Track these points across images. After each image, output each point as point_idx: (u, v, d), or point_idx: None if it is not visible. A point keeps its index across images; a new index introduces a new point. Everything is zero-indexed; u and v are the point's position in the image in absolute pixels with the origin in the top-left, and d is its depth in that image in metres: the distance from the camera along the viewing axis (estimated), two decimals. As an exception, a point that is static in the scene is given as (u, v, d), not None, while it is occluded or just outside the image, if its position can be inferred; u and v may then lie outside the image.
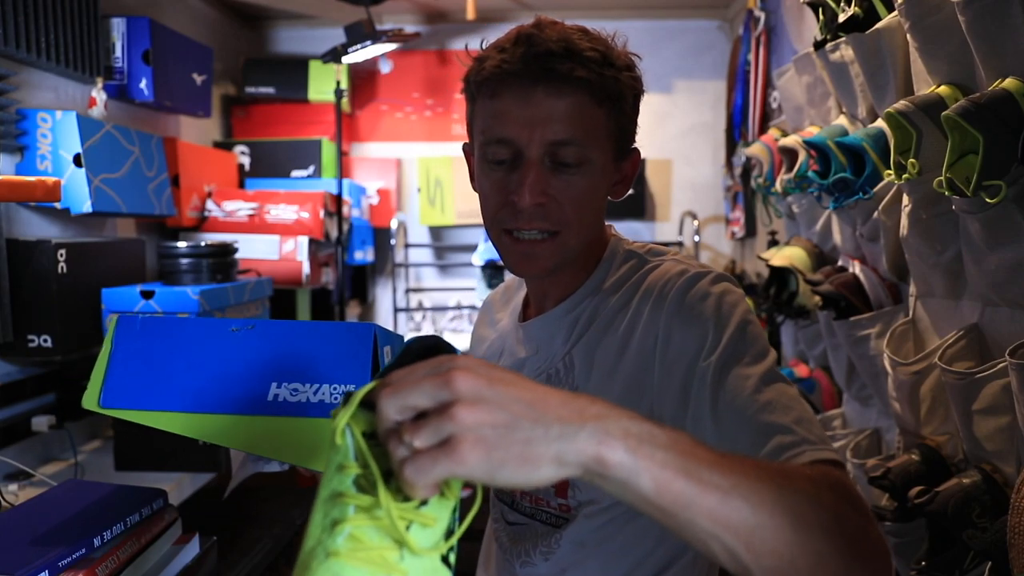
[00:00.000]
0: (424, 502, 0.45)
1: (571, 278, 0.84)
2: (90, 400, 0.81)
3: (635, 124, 0.82)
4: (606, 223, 0.90)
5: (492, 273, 2.73)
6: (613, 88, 0.75)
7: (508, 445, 0.43)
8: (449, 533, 0.48)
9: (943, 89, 1.06)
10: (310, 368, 0.80)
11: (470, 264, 2.99)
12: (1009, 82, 0.90)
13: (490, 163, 0.78)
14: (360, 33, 2.42)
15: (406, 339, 0.64)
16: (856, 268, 1.49)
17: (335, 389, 0.80)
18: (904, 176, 1.11)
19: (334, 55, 2.48)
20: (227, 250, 1.79)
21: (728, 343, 0.70)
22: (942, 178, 0.96)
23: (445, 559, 0.47)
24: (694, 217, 2.91)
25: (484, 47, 0.79)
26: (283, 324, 0.83)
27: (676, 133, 3.06)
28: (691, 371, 0.71)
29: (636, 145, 0.84)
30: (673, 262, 0.81)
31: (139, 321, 0.84)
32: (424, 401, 0.44)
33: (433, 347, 0.56)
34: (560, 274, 0.83)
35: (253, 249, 2.21)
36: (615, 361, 0.77)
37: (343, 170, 2.75)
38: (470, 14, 2.61)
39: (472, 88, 0.79)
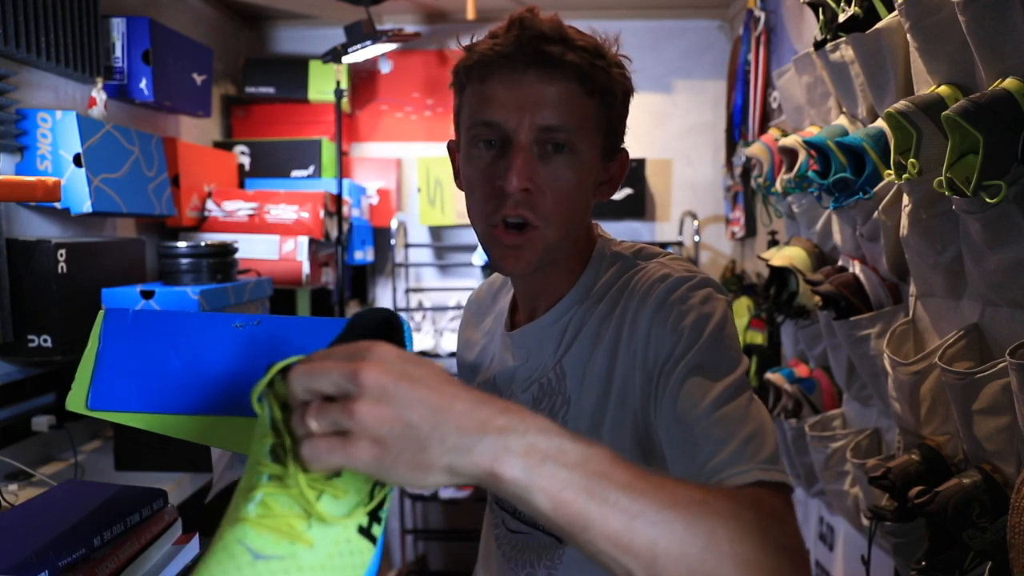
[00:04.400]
0: (337, 473, 0.46)
1: (558, 282, 0.83)
2: (76, 401, 0.75)
3: (624, 124, 0.81)
4: (594, 222, 0.88)
5: (492, 273, 2.73)
6: (603, 80, 0.75)
7: (401, 449, 0.43)
8: (368, 503, 0.47)
9: (943, 89, 1.06)
10: None
11: (470, 264, 2.99)
12: (1009, 82, 0.90)
13: (477, 148, 0.76)
14: (360, 33, 2.42)
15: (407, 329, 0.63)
16: (856, 268, 1.49)
17: None
18: (904, 176, 1.11)
19: (334, 55, 2.48)
20: (227, 250, 1.79)
21: (696, 352, 0.69)
22: (942, 178, 0.96)
23: (366, 531, 0.47)
24: (694, 217, 2.91)
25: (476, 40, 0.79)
26: (291, 320, 0.78)
27: (676, 133, 3.06)
28: (658, 377, 0.70)
29: (625, 147, 0.83)
30: (658, 265, 0.79)
31: (131, 315, 0.77)
32: (329, 388, 0.44)
33: (382, 322, 0.56)
34: (546, 276, 0.82)
35: (253, 249, 2.20)
36: (607, 370, 0.77)
37: (343, 170, 2.75)
38: (470, 14, 2.61)
39: (461, 75, 0.78)
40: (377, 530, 0.48)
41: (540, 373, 0.83)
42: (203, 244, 1.73)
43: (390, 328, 0.57)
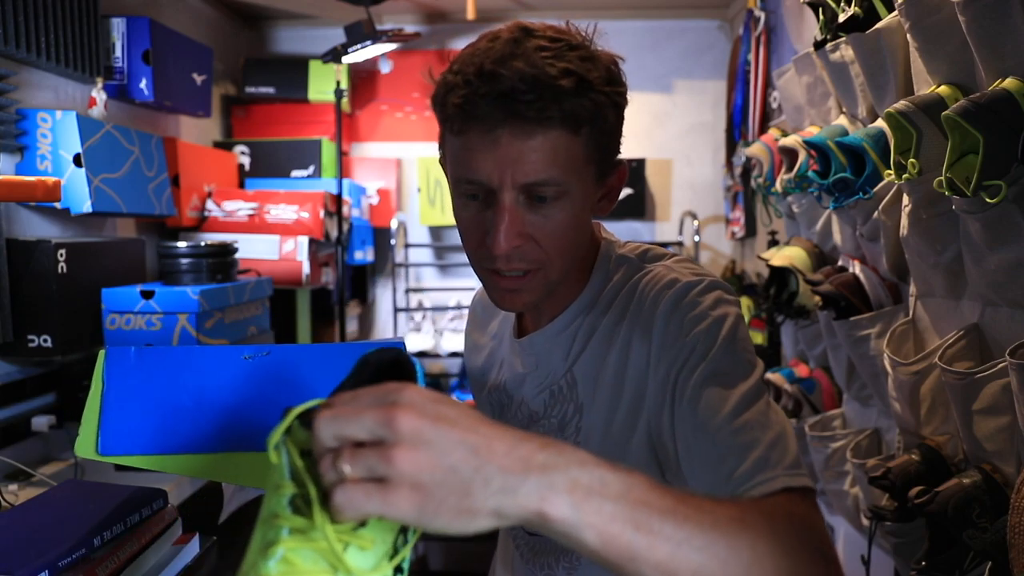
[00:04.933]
0: (363, 523, 0.43)
1: (565, 292, 0.81)
2: (85, 447, 0.73)
3: (619, 136, 0.76)
4: (595, 222, 0.86)
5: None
6: (590, 112, 0.69)
7: (445, 495, 0.42)
8: (394, 553, 0.45)
9: (943, 89, 1.06)
10: (329, 393, 0.75)
11: (470, 264, 2.99)
12: (1009, 82, 0.90)
13: (462, 199, 0.74)
14: (360, 33, 2.42)
15: (402, 343, 0.62)
16: (856, 268, 1.49)
17: None
18: (904, 176, 1.11)
19: (334, 55, 2.48)
20: (227, 250, 1.79)
21: (711, 360, 0.68)
22: (942, 178, 0.96)
23: None
24: (694, 217, 2.91)
25: (452, 60, 0.73)
26: (301, 348, 0.76)
27: (676, 133, 3.06)
28: (673, 386, 0.69)
29: (622, 158, 0.79)
30: (665, 269, 0.78)
31: (133, 353, 0.75)
32: (362, 435, 0.42)
33: (392, 364, 0.52)
34: (551, 294, 0.80)
35: (253, 249, 2.21)
36: (619, 378, 0.76)
37: (343, 170, 2.75)
38: (470, 14, 2.61)
39: (439, 115, 0.74)
40: None
41: (550, 380, 0.82)
42: (203, 244, 1.73)
43: (400, 369, 0.55)
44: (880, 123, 1.27)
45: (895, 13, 1.19)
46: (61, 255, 1.46)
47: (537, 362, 0.84)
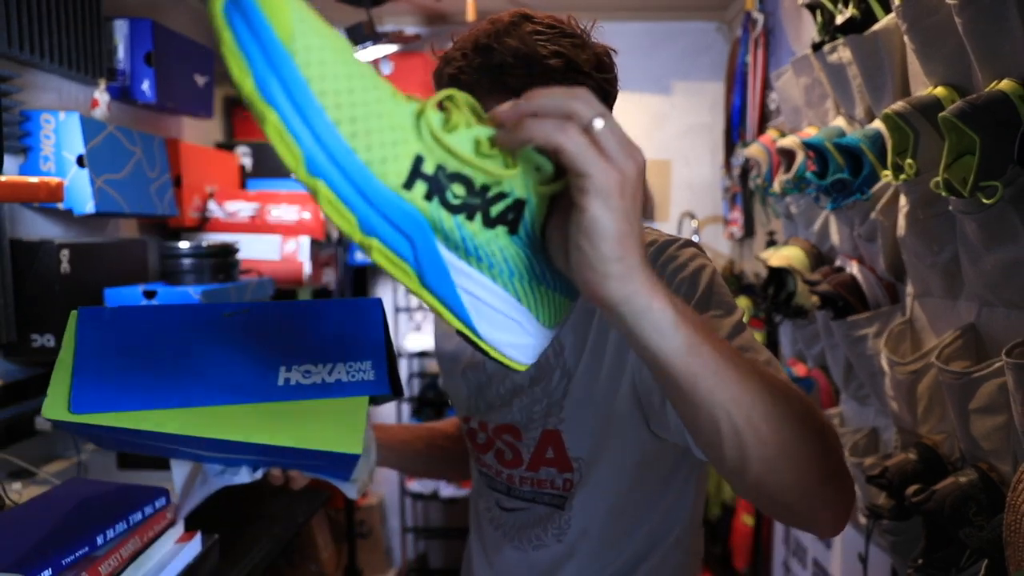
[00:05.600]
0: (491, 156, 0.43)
1: None
2: (55, 408, 0.68)
3: None
4: None
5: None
6: None
7: (623, 194, 0.42)
8: (498, 198, 0.44)
9: (940, 90, 1.07)
10: (319, 348, 0.72)
11: None
12: (1005, 83, 0.91)
13: None
14: (361, 35, 2.43)
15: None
16: (854, 268, 1.50)
17: (351, 367, 0.72)
18: (901, 177, 1.11)
19: (335, 56, 2.48)
20: (229, 250, 1.80)
21: (698, 301, 0.71)
22: (939, 179, 0.96)
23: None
24: (693, 217, 2.91)
25: (454, 41, 0.76)
26: (281, 305, 0.75)
27: (675, 134, 3.07)
28: None
29: None
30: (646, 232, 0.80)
31: (107, 313, 0.71)
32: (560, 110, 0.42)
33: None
34: None
35: (255, 249, 2.21)
36: (602, 336, 0.78)
37: (344, 171, 2.75)
38: (470, 16, 2.62)
39: (436, 87, 0.76)
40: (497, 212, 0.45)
41: None
42: (205, 244, 1.74)
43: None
44: (877, 124, 1.27)
45: (892, 15, 1.20)
46: (64, 255, 1.46)
47: None
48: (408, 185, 0.42)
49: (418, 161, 0.42)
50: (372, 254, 0.43)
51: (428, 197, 0.42)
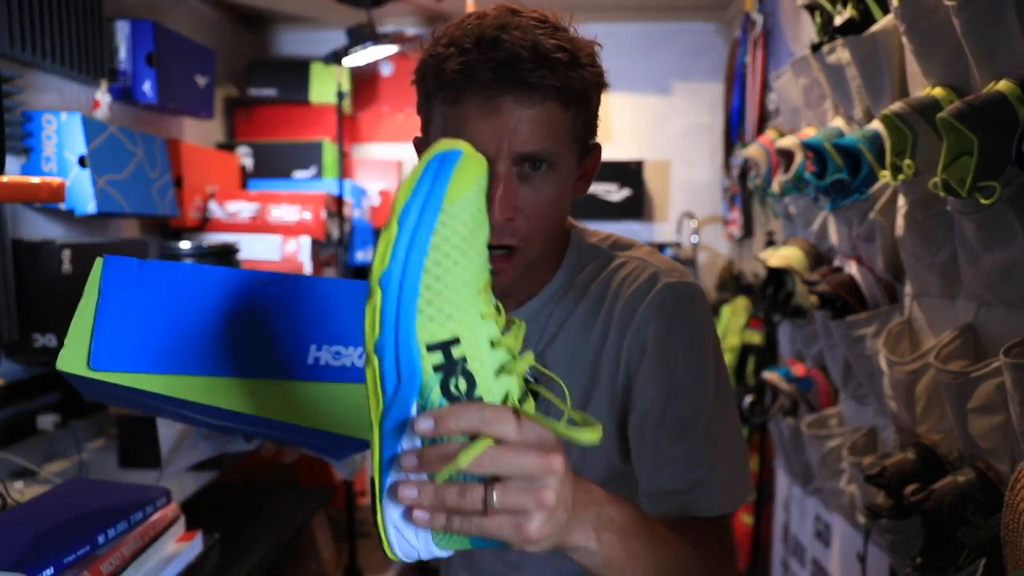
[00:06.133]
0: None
1: (534, 277, 0.81)
2: (72, 361, 0.64)
3: (596, 119, 0.77)
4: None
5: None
6: (580, 89, 0.71)
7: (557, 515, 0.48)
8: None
9: (938, 91, 1.07)
10: (352, 330, 0.69)
11: None
12: (1003, 84, 0.91)
13: None
14: (361, 36, 2.43)
15: None
16: (852, 268, 1.50)
17: None
18: (900, 177, 1.12)
19: (336, 57, 2.49)
20: (229, 250, 1.80)
21: (682, 398, 0.74)
22: (937, 179, 0.96)
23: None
24: (692, 217, 2.92)
25: (436, 36, 0.73)
26: (319, 280, 0.71)
27: (674, 134, 3.08)
28: (651, 406, 0.75)
29: (597, 141, 0.80)
30: (639, 261, 0.80)
31: (135, 265, 0.67)
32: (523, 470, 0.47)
33: None
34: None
35: (255, 249, 2.22)
36: (594, 362, 0.78)
37: (344, 171, 2.76)
38: (470, 16, 2.62)
39: (428, 83, 0.73)
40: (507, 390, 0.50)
41: None
42: (206, 245, 1.74)
43: None
44: (876, 125, 1.28)
45: (891, 16, 1.20)
46: (66, 255, 1.47)
47: None
48: (431, 348, 0.46)
49: (454, 341, 0.46)
50: (367, 367, 0.47)
51: (436, 369, 0.46)
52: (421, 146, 0.81)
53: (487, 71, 0.67)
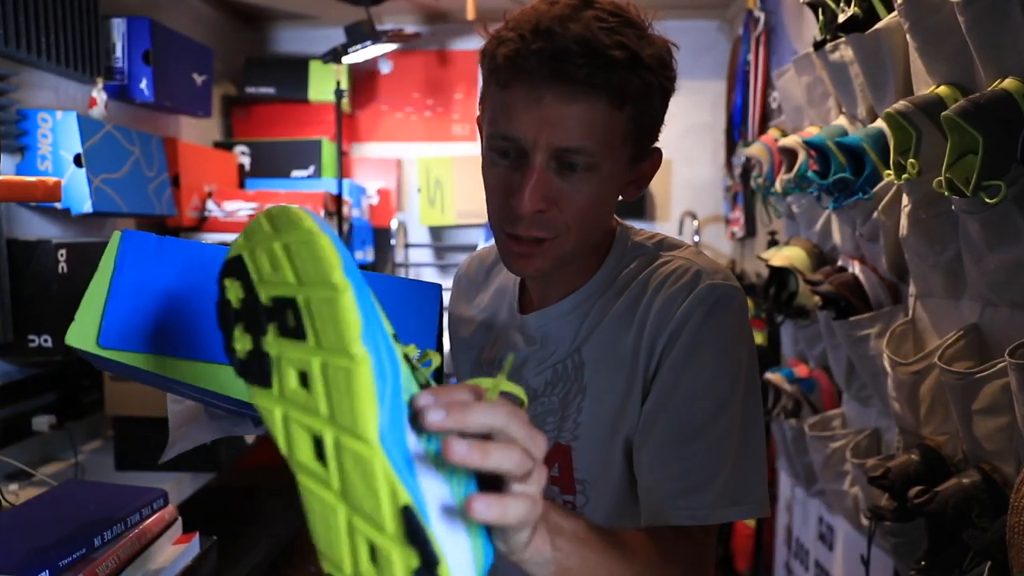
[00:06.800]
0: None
1: (576, 273, 0.81)
2: (82, 337, 0.63)
3: (660, 123, 0.76)
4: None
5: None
6: (638, 89, 0.69)
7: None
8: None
9: (943, 89, 1.06)
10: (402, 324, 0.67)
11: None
12: (1008, 82, 0.90)
13: (494, 155, 0.74)
14: (360, 33, 2.42)
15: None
16: (856, 268, 1.50)
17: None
18: (904, 176, 1.11)
19: (334, 55, 2.48)
20: (227, 250, 1.79)
21: (714, 392, 0.73)
22: (942, 178, 0.96)
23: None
24: (694, 217, 2.91)
25: (506, 17, 0.72)
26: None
27: (676, 133, 3.07)
28: (670, 401, 0.73)
29: (658, 144, 0.79)
30: (684, 260, 0.78)
31: (153, 241, 0.65)
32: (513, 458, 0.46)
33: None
34: (562, 271, 0.80)
35: (253, 249, 2.21)
36: (632, 365, 0.76)
37: (343, 170, 2.75)
38: (470, 14, 2.62)
39: (487, 66, 0.73)
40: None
41: (555, 359, 0.82)
42: (203, 244, 1.73)
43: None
44: (879, 123, 1.27)
45: (895, 13, 1.19)
46: (61, 255, 1.46)
47: (543, 340, 0.83)
48: (413, 421, 0.45)
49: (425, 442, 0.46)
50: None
51: (419, 433, 0.45)
52: (480, 124, 0.79)
53: (535, 61, 0.67)
